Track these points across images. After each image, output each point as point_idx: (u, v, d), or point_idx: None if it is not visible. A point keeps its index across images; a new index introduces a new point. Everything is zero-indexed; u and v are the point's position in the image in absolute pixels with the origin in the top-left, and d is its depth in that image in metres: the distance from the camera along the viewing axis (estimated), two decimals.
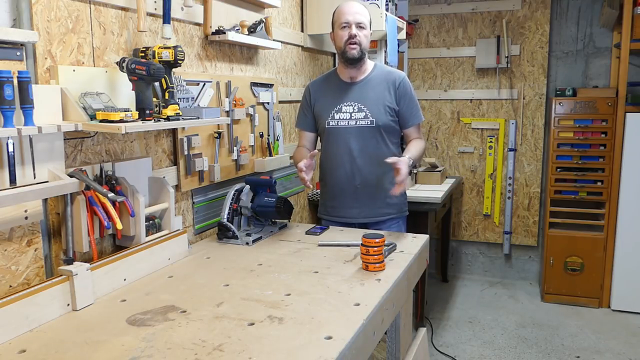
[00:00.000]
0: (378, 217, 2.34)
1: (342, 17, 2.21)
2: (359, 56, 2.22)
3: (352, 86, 2.32)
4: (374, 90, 2.29)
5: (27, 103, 1.33)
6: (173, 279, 1.64)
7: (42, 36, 1.45)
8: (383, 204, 2.33)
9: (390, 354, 1.81)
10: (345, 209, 2.36)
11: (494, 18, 4.00)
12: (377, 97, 2.28)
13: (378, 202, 2.33)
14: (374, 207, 2.33)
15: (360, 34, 2.19)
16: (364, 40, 2.22)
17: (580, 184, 3.64)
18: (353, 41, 2.18)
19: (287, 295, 1.48)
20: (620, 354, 3.02)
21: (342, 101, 2.31)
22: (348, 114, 2.29)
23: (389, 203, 2.33)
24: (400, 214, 2.39)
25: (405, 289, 1.76)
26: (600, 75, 3.84)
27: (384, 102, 2.27)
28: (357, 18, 2.19)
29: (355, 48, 2.19)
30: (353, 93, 2.31)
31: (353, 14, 2.19)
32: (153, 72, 1.57)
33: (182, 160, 2.02)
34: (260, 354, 1.14)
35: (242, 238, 2.02)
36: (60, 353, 1.17)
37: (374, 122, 2.26)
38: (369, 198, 2.32)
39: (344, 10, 2.22)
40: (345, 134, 2.29)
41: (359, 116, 2.28)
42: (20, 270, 1.43)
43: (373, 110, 2.26)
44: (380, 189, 2.30)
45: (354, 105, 2.29)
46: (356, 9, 2.21)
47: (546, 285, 3.78)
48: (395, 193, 2.05)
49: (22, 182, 1.38)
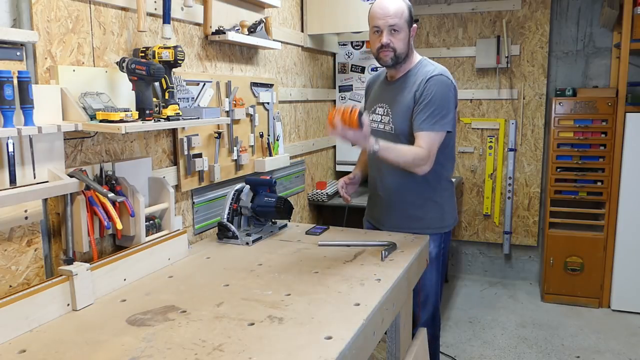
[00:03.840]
0: (401, 228, 2.13)
1: (372, 21, 2.00)
2: (392, 62, 2.01)
3: (389, 86, 2.13)
4: (403, 92, 2.05)
5: (27, 103, 1.33)
6: (173, 279, 1.64)
7: (42, 36, 1.45)
8: (405, 217, 2.14)
9: (390, 354, 1.81)
10: (375, 212, 2.26)
11: (494, 18, 4.00)
12: (401, 101, 2.04)
13: (400, 214, 2.16)
14: (397, 219, 2.16)
15: (394, 39, 1.96)
16: (399, 45, 1.98)
17: (580, 184, 3.64)
18: (385, 49, 1.98)
19: (287, 295, 1.48)
20: (620, 354, 3.02)
21: (378, 102, 2.15)
22: (379, 117, 2.12)
23: (413, 217, 2.13)
24: (426, 231, 2.10)
25: (405, 289, 1.76)
26: (600, 75, 3.84)
27: (407, 107, 2.02)
28: (389, 22, 1.95)
29: (388, 55, 1.99)
30: (387, 94, 2.12)
31: (384, 17, 1.95)
32: (153, 72, 1.57)
33: (182, 160, 2.02)
34: (260, 354, 1.14)
35: (242, 238, 2.02)
36: (60, 353, 1.17)
37: (393, 129, 2.06)
38: (392, 208, 2.17)
39: (375, 13, 1.99)
40: (375, 137, 2.07)
41: (385, 120, 2.10)
42: (20, 270, 1.43)
43: (395, 116, 2.06)
44: (401, 201, 2.13)
45: (384, 107, 2.11)
46: (388, 10, 1.95)
47: (546, 285, 3.78)
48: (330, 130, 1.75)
49: (22, 182, 1.38)
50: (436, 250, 2.17)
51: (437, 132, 1.95)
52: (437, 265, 2.19)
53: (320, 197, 3.14)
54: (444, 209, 2.17)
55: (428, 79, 1.98)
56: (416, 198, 2.11)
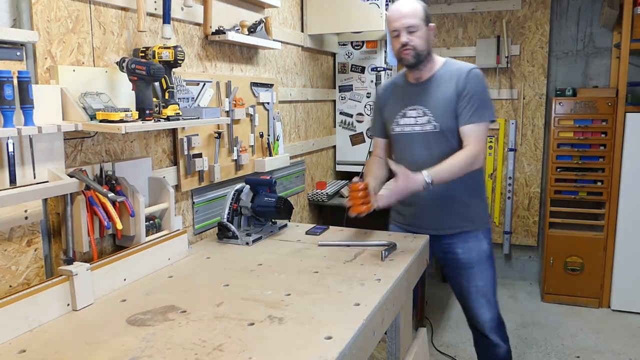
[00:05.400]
0: (450, 229, 2.15)
1: (390, 26, 2.04)
2: (415, 60, 2.02)
3: (417, 88, 2.12)
4: (439, 90, 2.06)
5: (27, 103, 1.33)
6: (173, 279, 1.64)
7: (42, 36, 1.45)
8: (455, 216, 2.13)
9: (390, 354, 1.81)
10: (415, 219, 2.20)
11: (494, 18, 4.00)
12: (442, 97, 2.04)
13: (449, 214, 2.13)
14: (445, 219, 2.14)
15: (412, 37, 1.99)
16: (419, 42, 2.00)
17: (580, 184, 3.64)
18: (406, 48, 2.00)
19: (287, 295, 1.48)
20: (620, 354, 3.02)
21: (407, 105, 2.12)
22: (412, 119, 2.10)
23: (463, 215, 2.14)
24: (477, 227, 2.16)
25: (405, 289, 1.76)
26: (600, 75, 3.84)
27: (449, 103, 2.03)
28: (405, 23, 1.98)
29: (409, 53, 2.01)
30: (418, 95, 2.10)
31: (400, 19, 1.99)
32: (153, 72, 1.57)
33: (182, 160, 2.02)
34: (260, 354, 1.14)
35: (242, 238, 2.02)
36: (60, 353, 1.17)
37: (437, 127, 2.04)
38: (439, 210, 2.13)
39: (391, 16, 2.03)
40: (410, 141, 2.11)
41: (422, 121, 2.07)
42: (20, 270, 1.43)
43: (437, 114, 2.04)
44: (450, 200, 2.11)
45: (418, 109, 2.09)
46: (403, 12, 1.99)
47: (546, 285, 3.78)
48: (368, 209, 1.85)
49: (22, 182, 1.38)
50: (489, 247, 2.19)
51: (485, 122, 2.03)
52: (492, 263, 2.20)
53: (320, 197, 3.14)
54: (486, 203, 2.27)
55: (468, 72, 2.03)
56: (463, 195, 2.11)
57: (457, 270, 2.20)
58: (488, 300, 2.20)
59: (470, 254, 2.15)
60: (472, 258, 2.15)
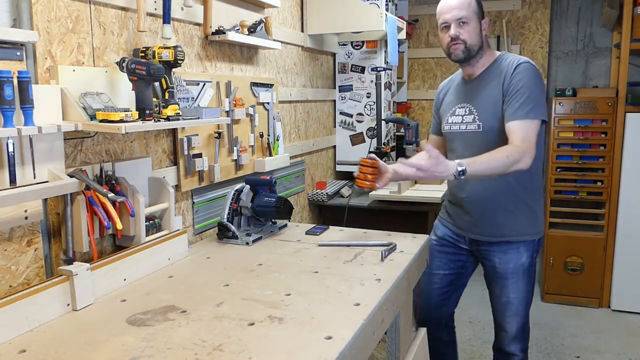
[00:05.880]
0: (489, 237, 2.02)
1: (440, 18, 1.96)
2: (464, 55, 1.93)
3: (469, 85, 2.03)
4: (486, 87, 1.95)
5: (27, 103, 1.33)
6: (173, 279, 1.64)
7: (42, 36, 1.45)
8: (495, 224, 1.99)
9: (390, 354, 1.81)
10: (457, 219, 2.13)
11: (494, 18, 4.00)
12: (487, 95, 1.93)
13: (489, 220, 2.00)
14: (484, 225, 2.02)
15: (462, 30, 1.89)
16: (469, 36, 1.90)
17: (580, 184, 3.64)
18: (455, 42, 1.92)
19: (287, 295, 1.48)
20: (620, 354, 3.02)
21: (457, 103, 2.04)
22: (460, 117, 2.01)
23: (504, 224, 1.98)
24: (519, 238, 1.99)
25: (405, 289, 1.76)
26: (600, 75, 3.85)
27: (494, 101, 1.90)
28: (456, 14, 1.89)
29: (458, 47, 1.91)
30: (468, 93, 2.02)
31: (450, 10, 1.90)
32: (153, 72, 1.57)
33: (182, 160, 2.02)
34: (260, 354, 1.14)
35: (242, 238, 2.02)
36: (60, 353, 1.17)
37: (480, 127, 1.94)
38: (479, 214, 2.02)
39: (441, 8, 1.95)
40: (456, 140, 2.04)
41: (468, 119, 1.98)
42: (20, 270, 1.43)
43: (481, 112, 1.94)
44: (491, 206, 1.97)
45: (466, 107, 2.00)
46: (453, 3, 1.90)
47: (546, 285, 3.78)
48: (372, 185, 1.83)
49: (22, 182, 1.38)
50: (529, 261, 2.01)
51: (532, 120, 1.80)
52: (529, 276, 2.04)
53: (320, 197, 3.14)
54: (537, 213, 2.01)
55: (515, 67, 1.87)
56: (506, 201, 1.96)
57: (492, 277, 2.10)
58: (517, 313, 2.10)
59: (507, 265, 2.02)
60: (507, 270, 2.02)
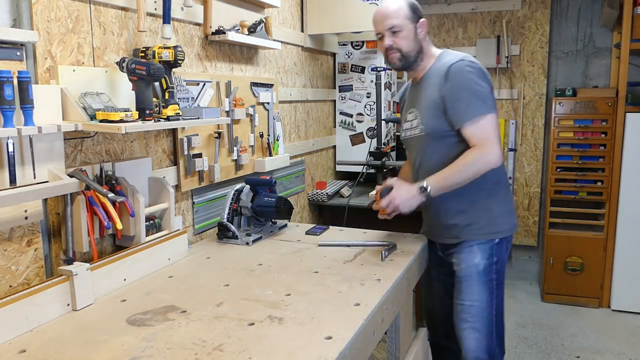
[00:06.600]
0: (447, 238, 1.98)
1: (375, 29, 1.95)
2: (402, 63, 1.92)
3: (415, 88, 2.01)
4: (427, 89, 1.91)
5: (27, 103, 1.33)
6: (173, 279, 1.64)
7: (42, 36, 1.45)
8: (450, 225, 1.95)
9: (390, 354, 1.81)
10: (426, 225, 2.12)
11: (494, 18, 4.00)
12: (428, 98, 1.90)
13: (440, 222, 1.98)
14: (442, 227, 1.98)
15: (396, 39, 1.88)
16: (404, 44, 1.88)
17: (580, 184, 3.64)
18: (391, 51, 1.91)
19: (287, 295, 1.48)
20: (620, 354, 3.02)
21: (408, 108, 2.03)
22: (409, 123, 2.00)
23: (458, 224, 1.92)
24: (472, 237, 1.91)
25: (405, 289, 1.76)
26: (600, 75, 3.84)
27: (434, 103, 1.86)
28: (387, 24, 1.88)
29: (395, 56, 1.91)
30: (414, 97, 2.00)
31: (382, 20, 1.90)
32: (153, 72, 1.57)
33: (182, 160, 2.02)
34: (260, 354, 1.14)
35: (242, 238, 2.02)
36: (60, 353, 1.17)
37: (423, 130, 1.91)
38: (433, 217, 2.01)
39: (373, 19, 1.94)
40: (409, 146, 2.04)
41: (415, 124, 1.96)
42: (20, 270, 1.43)
43: (424, 115, 1.91)
44: (448, 207, 1.93)
45: (413, 112, 1.97)
46: (384, 12, 1.89)
47: (546, 285, 3.78)
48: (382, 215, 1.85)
49: (22, 182, 1.38)
50: (484, 263, 1.90)
51: (482, 117, 1.79)
52: (487, 282, 1.90)
53: (320, 197, 3.14)
54: (494, 212, 1.93)
55: (447, 69, 1.83)
56: (461, 202, 1.90)
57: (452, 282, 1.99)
58: (473, 327, 1.89)
59: (460, 266, 1.94)
60: (460, 270, 1.94)
